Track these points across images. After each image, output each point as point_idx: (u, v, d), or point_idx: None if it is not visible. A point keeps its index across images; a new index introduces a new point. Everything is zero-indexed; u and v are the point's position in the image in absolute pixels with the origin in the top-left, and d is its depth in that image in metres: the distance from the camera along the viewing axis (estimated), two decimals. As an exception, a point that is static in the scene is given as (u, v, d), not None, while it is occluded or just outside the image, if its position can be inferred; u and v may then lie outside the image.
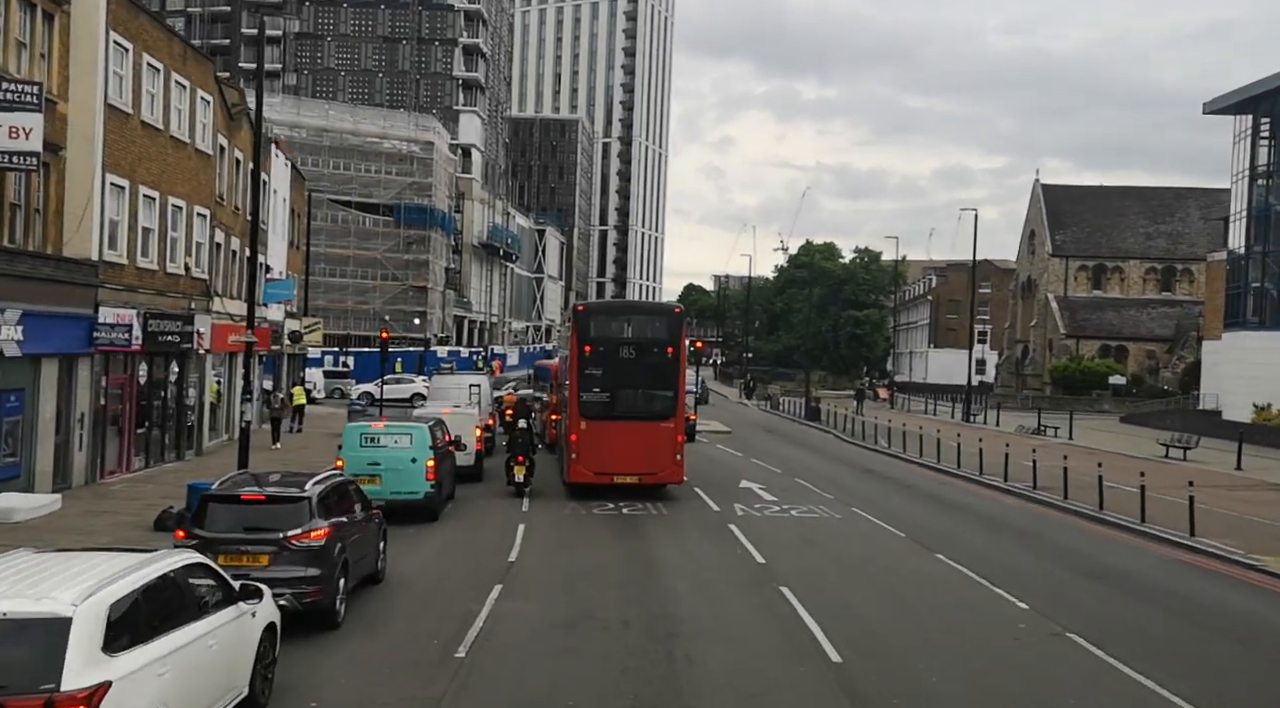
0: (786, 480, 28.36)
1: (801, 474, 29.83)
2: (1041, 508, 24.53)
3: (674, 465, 23.87)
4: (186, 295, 28.14)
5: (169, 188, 26.44)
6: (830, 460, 34.86)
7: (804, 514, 22.44)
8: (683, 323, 24.44)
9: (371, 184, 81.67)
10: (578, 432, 23.81)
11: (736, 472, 30.05)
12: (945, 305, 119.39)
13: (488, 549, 17.88)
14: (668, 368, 23.96)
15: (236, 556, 11.79)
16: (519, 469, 24.11)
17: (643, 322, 24.74)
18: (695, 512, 22.50)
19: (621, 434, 23.60)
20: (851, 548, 18.71)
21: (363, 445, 20.23)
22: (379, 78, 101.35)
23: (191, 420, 29.08)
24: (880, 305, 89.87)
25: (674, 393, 24.02)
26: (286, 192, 43.12)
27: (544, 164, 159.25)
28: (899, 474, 31.24)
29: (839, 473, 31.00)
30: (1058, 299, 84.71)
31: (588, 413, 23.76)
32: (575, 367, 23.95)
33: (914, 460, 34.45)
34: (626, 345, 23.98)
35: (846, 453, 37.99)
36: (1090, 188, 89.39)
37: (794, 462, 33.64)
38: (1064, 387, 78.41)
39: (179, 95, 26.86)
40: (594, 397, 23.80)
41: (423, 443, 20.33)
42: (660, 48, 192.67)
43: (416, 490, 20.13)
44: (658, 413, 23.99)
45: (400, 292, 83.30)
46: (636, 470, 23.72)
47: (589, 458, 23.68)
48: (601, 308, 29.02)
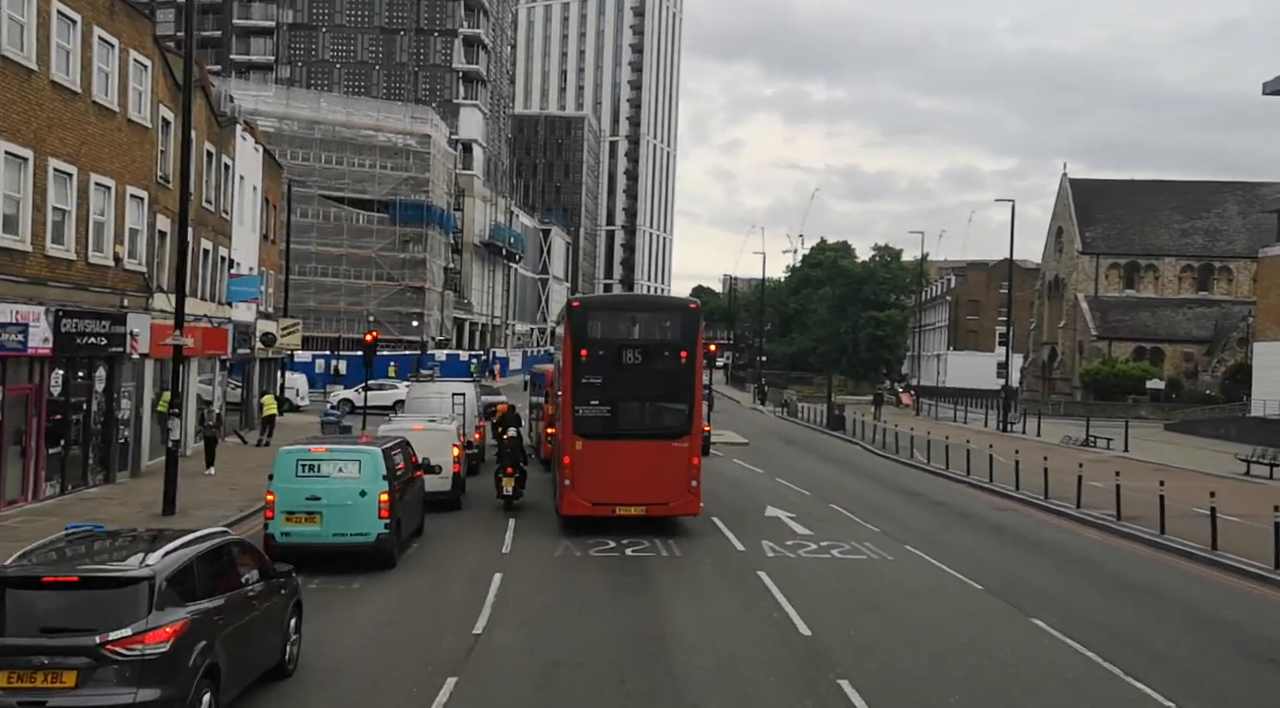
0: (819, 506, 24.20)
1: (836, 498, 25.65)
2: (1134, 545, 20.30)
3: (688, 494, 19.74)
4: (118, 291, 24.08)
5: (92, 163, 22.39)
6: (865, 479, 30.67)
7: (849, 555, 18.27)
8: (699, 321, 20.32)
9: (365, 179, 77.69)
10: (572, 453, 19.69)
11: (759, 495, 25.90)
12: (965, 306, 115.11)
13: (450, 614, 13.76)
14: (681, 375, 19.84)
15: (27, 674, 7.67)
16: (508, 481, 22.31)
17: (651, 320, 20.60)
18: (715, 552, 18.35)
19: (625, 456, 19.51)
20: (921, 609, 14.53)
21: (300, 474, 16.10)
22: (375, 70, 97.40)
23: (125, 436, 25.00)
24: (901, 306, 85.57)
25: (688, 406, 19.90)
26: (258, 180, 39.11)
27: (549, 162, 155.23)
28: (948, 497, 27.03)
29: (878, 496, 26.80)
30: (1088, 299, 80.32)
31: (584, 430, 19.65)
32: (569, 374, 19.83)
33: (960, 479, 30.24)
34: (631, 348, 19.86)
35: (880, 469, 33.78)
36: (1121, 182, 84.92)
37: (824, 481, 29.47)
38: (1096, 391, 74.10)
39: (104, 54, 22.80)
40: (592, 410, 19.69)
41: (375, 471, 16.22)
42: (668, 43, 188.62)
43: (366, 532, 16.03)
44: (669, 430, 19.88)
45: (396, 292, 79.28)
46: (643, 500, 19.61)
47: (586, 485, 19.56)
48: (601, 304, 26.13)
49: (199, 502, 21.55)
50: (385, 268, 78.66)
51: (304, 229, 74.93)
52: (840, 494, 26.57)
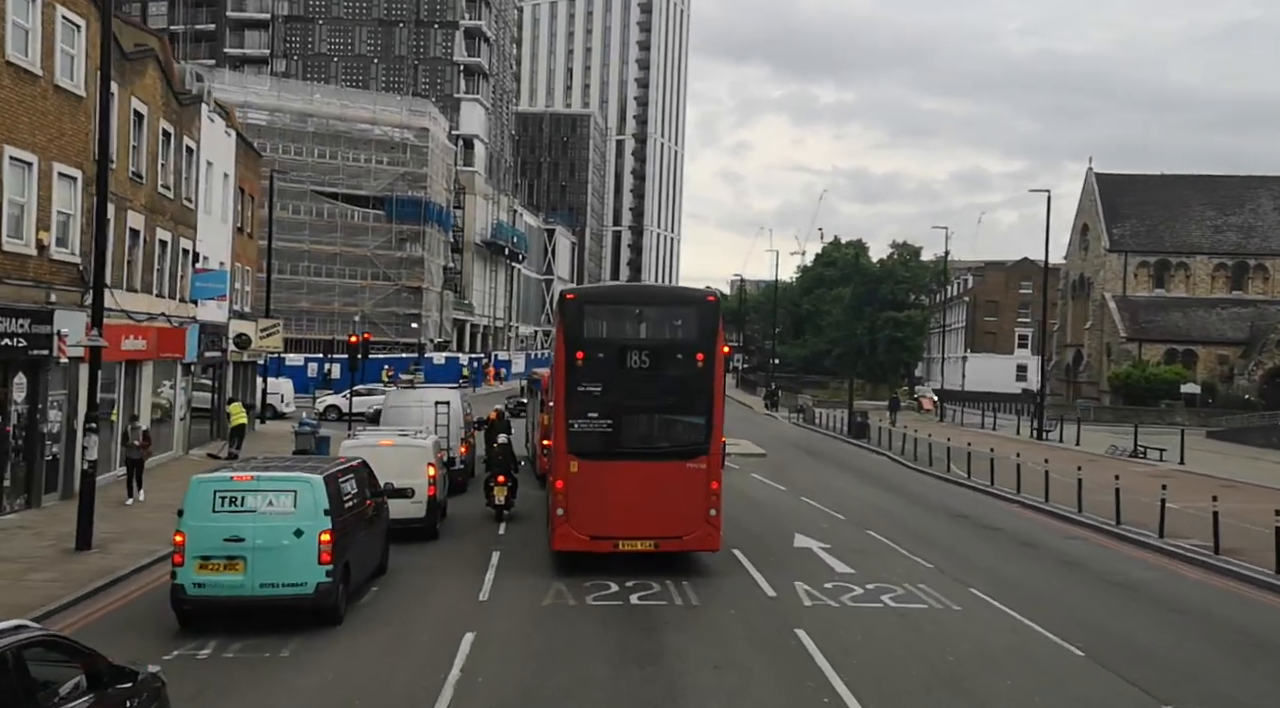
0: (856, 534, 20.80)
1: (872, 523, 22.25)
2: (1247, 588, 16.81)
3: (706, 526, 16.38)
4: (43, 285, 20.77)
5: (4, 135, 19.11)
6: (900, 498, 27.25)
7: (905, 604, 14.87)
8: (718, 316, 16.94)
9: (360, 174, 74.44)
10: (565, 476, 16.33)
11: (785, 519, 22.52)
12: (983, 307, 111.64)
13: (398, 701, 10.39)
14: (697, 382, 16.48)
15: None
16: (499, 490, 21.19)
17: (661, 315, 17.23)
18: (741, 599, 14.98)
19: (630, 480, 16.17)
20: (1013, 689, 11.10)
21: (218, 509, 12.76)
22: (374, 64, 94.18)
23: (54, 453, 21.68)
24: (921, 305, 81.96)
25: (706, 418, 16.55)
26: (230, 167, 35.84)
27: (554, 161, 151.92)
28: (1002, 521, 23.58)
29: (921, 520, 23.38)
30: (1116, 299, 76.84)
31: (581, 448, 16.31)
32: (562, 381, 16.48)
33: (1008, 496, 26.80)
34: (637, 349, 16.50)
35: (915, 486, 30.34)
36: (1149, 177, 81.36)
37: (855, 501, 26.06)
38: (1126, 395, 70.62)
39: (21, 6, 19.53)
40: (589, 425, 16.34)
41: (314, 504, 12.88)
42: (676, 40, 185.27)
43: (302, 582, 12.69)
44: (683, 448, 16.53)
45: (393, 293, 76.01)
46: (652, 533, 16.26)
47: (583, 514, 16.21)
48: (600, 295, 21.30)
49: (127, 533, 18.26)
50: (381, 267, 75.41)
51: (296, 226, 71.80)
52: (877, 518, 23.17)
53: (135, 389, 26.82)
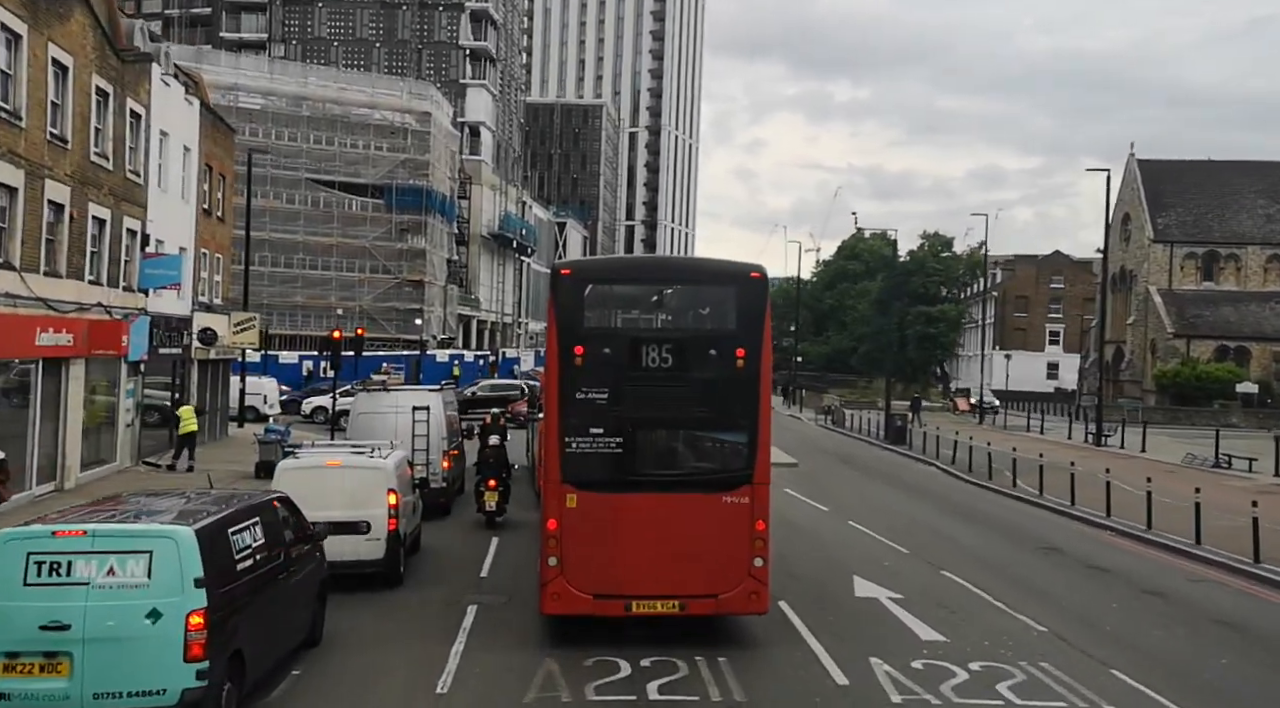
0: (929, 575, 16.54)
1: (945, 558, 17.98)
2: None
3: (749, 580, 12.15)
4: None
5: None
6: (967, 521, 22.93)
7: (1033, 699, 10.58)
8: (766, 298, 12.70)
9: (358, 161, 70.35)
10: (560, 514, 12.11)
11: (836, 552, 18.28)
12: (1012, 303, 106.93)
13: None
14: (738, 387, 12.26)
15: None
16: (490, 496, 19.85)
17: (690, 298, 12.98)
18: (801, 690, 10.76)
19: (647, 518, 12.01)
20: None
21: (33, 580, 8.58)
22: (376, 48, 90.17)
23: (-67, 471, 17.58)
24: (954, 300, 77.46)
25: (749, 435, 12.35)
26: (194, 141, 31.76)
27: (565, 153, 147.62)
28: (1105, 557, 19.21)
29: (1003, 554, 19.07)
30: (1161, 292, 72.14)
31: (580, 476, 12.09)
32: (556, 387, 12.26)
33: (1094, 519, 22.46)
34: (657, 344, 12.28)
35: (979, 504, 25.98)
36: (1195, 163, 76.56)
37: (914, 526, 21.78)
38: (1174, 395, 66.00)
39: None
40: (592, 445, 12.12)
41: (178, 573, 8.68)
42: (690, 31, 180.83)
43: (159, 689, 8.51)
44: (719, 475, 12.33)
45: (393, 287, 71.92)
46: (676, 590, 12.05)
47: (584, 566, 12.01)
48: (606, 271, 16.17)
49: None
50: (381, 260, 71.36)
51: (290, 217, 67.95)
52: (947, 551, 18.89)
53: (61, 393, 22.71)
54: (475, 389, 48.37)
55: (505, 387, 50.19)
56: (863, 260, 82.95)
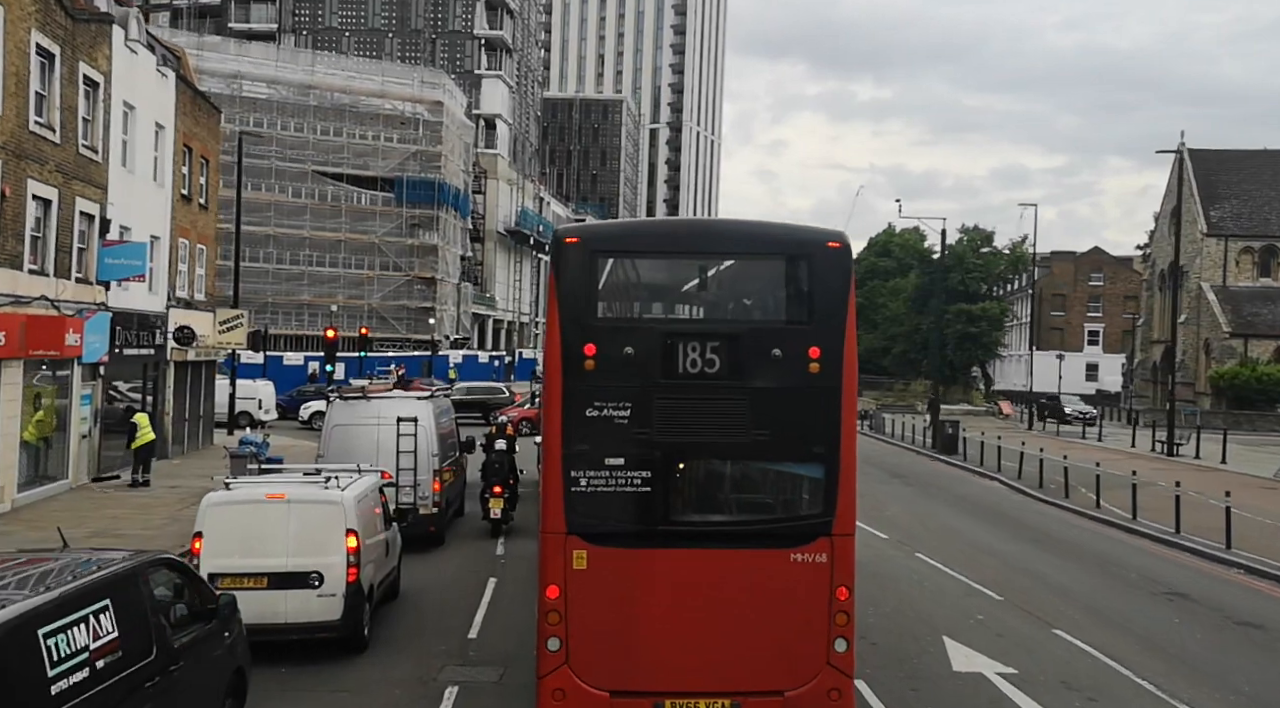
0: (1039, 636, 13.02)
1: (1050, 611, 14.43)
2: None
3: (827, 672, 8.68)
4: None
5: None
6: (1058, 555, 19.30)
7: None
8: (850, 277, 9.20)
9: (367, 153, 67.22)
10: (562, 579, 8.66)
11: (913, 599, 14.77)
12: (1049, 301, 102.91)
13: None
14: (812, 400, 8.83)
15: None
16: (496, 502, 18.81)
17: (744, 276, 9.48)
18: None
19: (685, 585, 8.62)
20: None
21: None
22: (389, 38, 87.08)
23: None
24: (997, 297, 73.55)
25: (828, 467, 8.94)
26: (169, 118, 28.57)
27: (584, 149, 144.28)
28: (1246, 605, 15.59)
29: (1118, 601, 15.47)
30: (1215, 289, 68.01)
31: (590, 526, 8.65)
32: (559, 402, 8.78)
33: (1211, 552, 18.83)
34: (698, 341, 8.80)
35: (1063, 531, 22.31)
36: (1251, 153, 72.36)
37: (998, 561, 18.24)
38: (1231, 398, 62.01)
39: None
40: (607, 481, 8.68)
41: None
42: (712, 24, 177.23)
43: None
44: (785, 524, 8.91)
45: (404, 284, 68.77)
46: (725, 686, 8.63)
47: (596, 652, 8.57)
48: (627, 240, 10.20)
49: None
50: (391, 256, 68.20)
51: (296, 211, 64.91)
52: (1048, 596, 15.34)
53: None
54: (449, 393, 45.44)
55: (484, 389, 46.91)
56: (894, 256, 79.10)
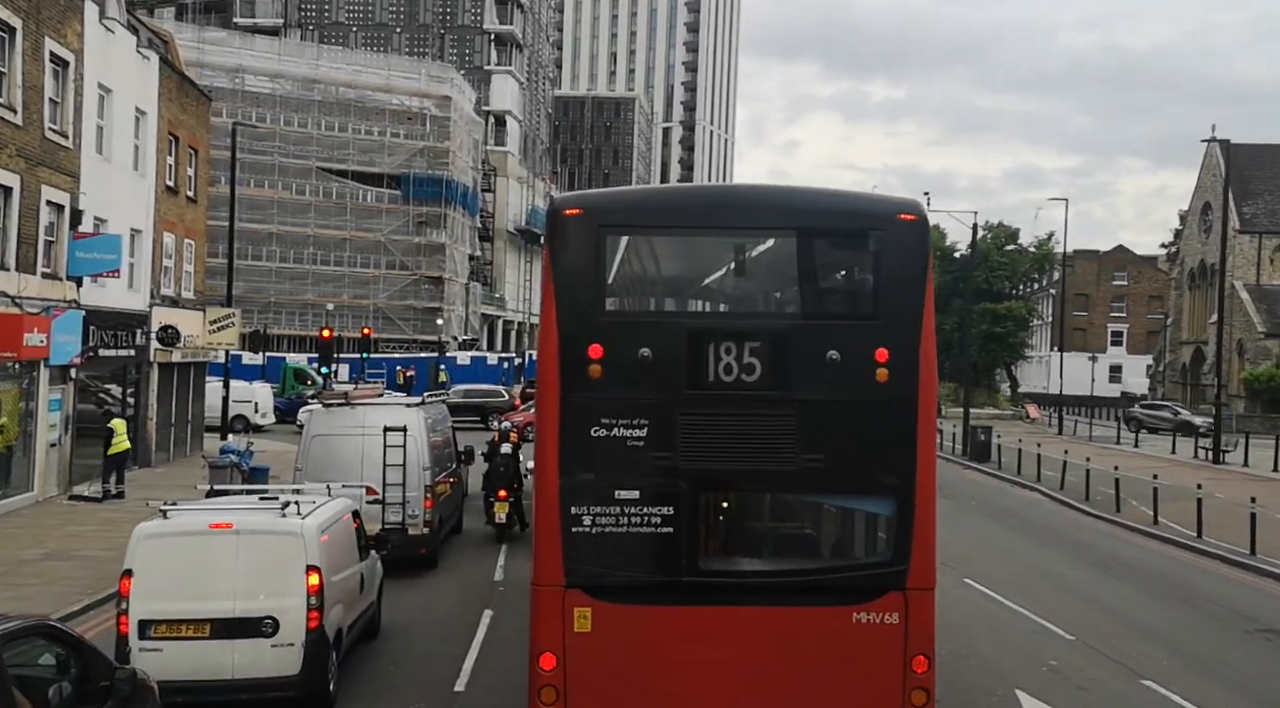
0: (1127, 690, 11.07)
1: (1133, 654, 12.45)
2: None
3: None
4: None
5: None
6: (1123, 580, 17.27)
7: None
8: (927, 257, 7.31)
9: (373, 149, 65.47)
10: (559, 644, 6.72)
11: (972, 638, 12.75)
12: (1071, 301, 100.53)
13: None
14: (880, 416, 6.87)
15: None
16: (500, 507, 17.91)
17: (792, 256, 7.53)
18: None
19: (716, 650, 6.62)
20: None
21: None
22: (396, 33, 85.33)
23: None
24: (1023, 296, 71.27)
25: (898, 502, 6.96)
26: (150, 102, 26.77)
27: (596, 147, 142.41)
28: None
29: (1207, 642, 13.46)
30: (1249, 288, 65.74)
31: (595, 576, 6.73)
32: (555, 416, 6.84)
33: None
34: (732, 341, 6.85)
35: (1122, 549, 20.26)
36: None
37: (1058, 588, 16.23)
38: (1267, 401, 59.85)
39: None
40: (617, 520, 6.74)
41: None
42: (726, 22, 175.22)
43: None
44: (845, 575, 6.94)
45: (410, 284, 66.99)
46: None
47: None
48: (642, 212, 7.67)
49: None
50: (397, 255, 66.45)
51: (300, 208, 63.22)
52: (1125, 634, 13.35)
53: None
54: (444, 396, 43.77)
55: (482, 392, 45.01)
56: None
